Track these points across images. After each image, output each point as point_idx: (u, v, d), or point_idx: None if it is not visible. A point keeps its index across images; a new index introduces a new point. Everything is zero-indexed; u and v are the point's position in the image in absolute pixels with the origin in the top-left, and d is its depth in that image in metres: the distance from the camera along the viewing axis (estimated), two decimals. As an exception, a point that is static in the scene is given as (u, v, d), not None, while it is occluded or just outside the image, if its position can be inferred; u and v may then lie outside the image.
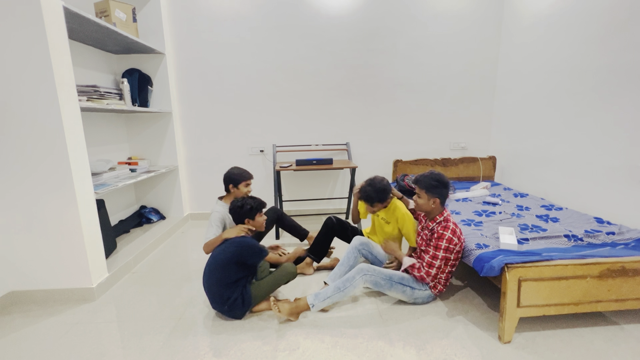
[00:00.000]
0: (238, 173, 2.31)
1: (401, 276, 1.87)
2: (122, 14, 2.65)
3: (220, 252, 1.84)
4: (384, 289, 1.86)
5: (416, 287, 1.88)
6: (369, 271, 1.83)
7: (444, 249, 1.79)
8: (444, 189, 1.83)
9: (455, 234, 1.81)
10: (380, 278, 1.84)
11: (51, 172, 1.91)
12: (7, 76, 1.80)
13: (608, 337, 1.63)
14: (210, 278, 1.81)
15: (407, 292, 1.87)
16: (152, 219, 3.31)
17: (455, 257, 1.86)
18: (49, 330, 1.78)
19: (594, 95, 2.44)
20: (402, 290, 1.87)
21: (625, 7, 2.19)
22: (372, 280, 1.83)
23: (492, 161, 3.60)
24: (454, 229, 1.82)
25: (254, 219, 1.97)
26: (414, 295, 1.89)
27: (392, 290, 1.87)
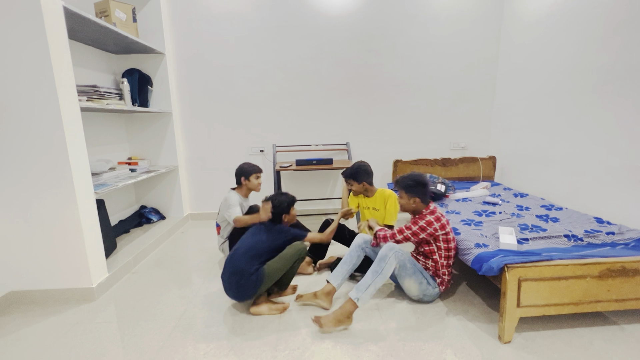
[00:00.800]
0: (249, 166, 2.48)
1: (420, 267, 1.90)
2: (122, 14, 2.65)
3: (267, 240, 1.95)
4: (406, 273, 1.85)
5: (431, 284, 1.90)
6: (399, 250, 1.83)
7: (419, 227, 1.85)
8: (422, 187, 1.90)
9: (438, 221, 1.85)
10: (407, 260, 1.84)
11: (51, 171, 1.91)
12: (7, 76, 1.80)
13: (608, 337, 1.63)
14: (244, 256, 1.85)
15: (423, 284, 1.88)
16: (152, 219, 3.31)
17: (447, 248, 1.88)
18: (49, 330, 1.78)
19: (594, 95, 2.44)
20: (419, 282, 1.87)
21: (625, 7, 2.19)
22: (401, 260, 1.82)
23: (492, 161, 3.60)
24: (439, 217, 1.87)
25: (289, 213, 2.10)
26: (426, 291, 1.90)
27: (412, 278, 1.87)
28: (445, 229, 1.87)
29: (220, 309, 1.94)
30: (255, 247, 1.91)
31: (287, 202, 2.07)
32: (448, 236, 1.89)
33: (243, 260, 1.83)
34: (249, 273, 1.80)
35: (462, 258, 1.86)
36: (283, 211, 2.06)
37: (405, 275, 1.87)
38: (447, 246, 1.89)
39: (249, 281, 1.80)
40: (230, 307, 1.96)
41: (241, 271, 1.80)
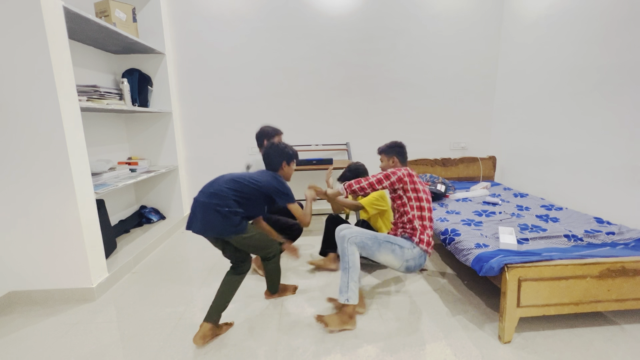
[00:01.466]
0: (272, 128, 2.42)
1: (386, 235, 1.85)
2: (122, 14, 2.65)
3: (253, 174, 1.80)
4: (373, 250, 1.79)
5: (405, 246, 1.82)
6: (351, 234, 1.78)
7: (383, 174, 1.90)
8: (399, 148, 2.06)
9: (409, 176, 1.90)
10: (366, 238, 1.79)
11: (51, 171, 1.91)
12: (7, 76, 1.80)
13: (608, 337, 1.63)
14: (227, 183, 1.68)
15: (397, 251, 1.81)
16: (152, 219, 3.31)
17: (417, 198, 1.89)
18: (49, 330, 1.78)
19: (594, 95, 2.44)
20: (391, 250, 1.80)
21: (625, 7, 2.19)
22: (359, 242, 1.77)
23: (492, 161, 3.60)
24: (410, 173, 1.92)
25: (289, 165, 1.95)
26: (405, 256, 1.82)
27: (381, 252, 1.80)
28: (414, 179, 1.90)
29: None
30: (243, 178, 1.74)
31: (291, 152, 1.94)
32: (416, 186, 1.90)
33: (226, 187, 1.66)
34: (231, 206, 1.62)
35: (462, 259, 1.85)
36: (283, 158, 1.91)
37: (373, 252, 1.80)
38: (417, 196, 1.88)
39: (230, 215, 1.62)
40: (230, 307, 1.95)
41: (225, 197, 1.63)
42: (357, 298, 1.73)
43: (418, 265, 1.88)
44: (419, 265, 1.89)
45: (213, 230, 1.65)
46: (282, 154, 1.91)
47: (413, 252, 1.84)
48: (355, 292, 1.72)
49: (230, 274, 1.78)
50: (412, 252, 1.84)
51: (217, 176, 1.77)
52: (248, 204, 1.72)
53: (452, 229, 2.10)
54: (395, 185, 1.90)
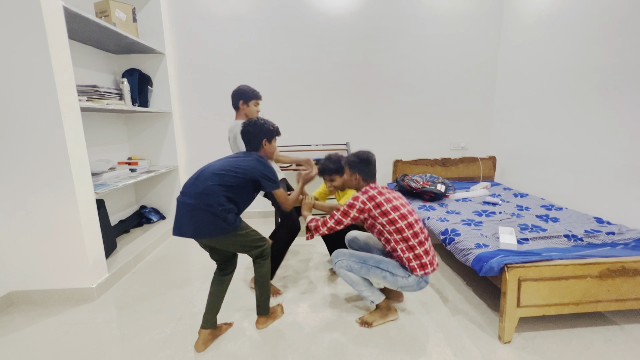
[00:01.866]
0: (249, 89, 2.15)
1: (378, 260, 1.73)
2: (122, 14, 2.65)
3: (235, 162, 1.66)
4: (362, 273, 1.72)
5: (397, 274, 1.68)
6: (337, 259, 1.75)
7: (348, 204, 1.69)
8: (365, 165, 1.79)
9: (372, 200, 1.66)
10: (354, 262, 1.72)
11: (51, 171, 1.91)
12: (7, 76, 1.80)
13: (608, 337, 1.63)
14: (212, 179, 1.56)
15: (388, 278, 1.69)
16: (152, 219, 3.31)
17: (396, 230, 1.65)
18: (49, 330, 1.78)
19: (594, 95, 2.44)
20: (382, 276, 1.70)
21: (624, 7, 2.19)
22: (347, 266, 1.73)
23: (492, 161, 3.60)
24: (374, 196, 1.68)
25: (270, 143, 1.79)
26: (398, 283, 1.70)
27: (371, 277, 1.73)
28: (382, 208, 1.65)
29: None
30: (226, 169, 1.59)
31: (272, 128, 1.77)
32: (383, 208, 1.65)
33: (212, 184, 1.54)
34: (223, 204, 1.53)
35: (462, 259, 1.85)
36: (264, 136, 1.74)
37: (365, 274, 1.73)
38: (389, 219, 1.64)
39: (223, 214, 1.52)
40: (230, 308, 1.95)
41: (213, 195, 1.52)
42: (379, 295, 1.78)
43: (419, 289, 1.74)
44: (421, 288, 1.74)
45: (207, 232, 1.53)
46: (262, 131, 1.74)
47: (408, 281, 1.69)
48: (372, 293, 1.77)
49: (218, 275, 1.71)
50: (404, 280, 1.69)
51: (196, 171, 1.64)
52: (239, 197, 1.61)
53: (452, 229, 2.10)
54: (361, 216, 1.70)
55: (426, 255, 1.68)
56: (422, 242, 1.68)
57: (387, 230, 1.67)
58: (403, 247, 1.67)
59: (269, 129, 1.75)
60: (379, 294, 1.78)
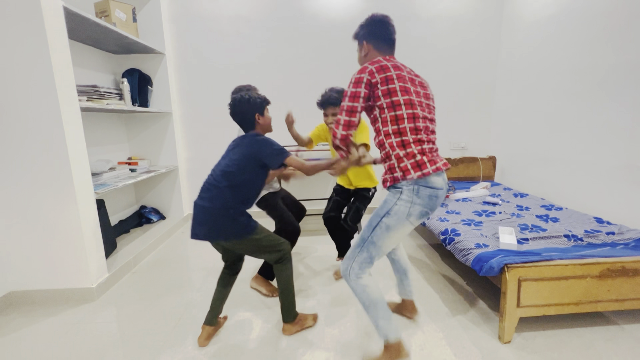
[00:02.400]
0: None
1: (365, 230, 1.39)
2: (122, 14, 2.65)
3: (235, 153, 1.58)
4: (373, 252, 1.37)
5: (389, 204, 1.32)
6: (345, 269, 1.42)
7: (352, 82, 1.35)
8: (376, 27, 1.46)
9: (377, 63, 1.33)
10: (358, 254, 1.38)
11: (51, 171, 1.91)
12: (7, 76, 1.80)
13: (608, 337, 1.63)
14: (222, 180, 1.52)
15: (387, 221, 1.31)
16: (152, 219, 3.31)
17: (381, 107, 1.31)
18: (49, 330, 1.78)
19: (594, 95, 2.44)
20: (384, 229, 1.33)
21: (624, 8, 2.19)
22: (359, 267, 1.38)
23: (492, 161, 3.60)
24: (384, 65, 1.33)
25: (263, 115, 1.67)
26: (399, 214, 1.30)
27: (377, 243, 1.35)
28: (390, 85, 1.28)
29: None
30: (230, 166, 1.53)
31: (260, 99, 1.64)
32: (393, 97, 1.28)
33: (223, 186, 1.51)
34: (236, 207, 1.50)
35: (462, 259, 1.85)
36: (254, 110, 1.62)
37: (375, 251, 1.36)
38: (391, 101, 1.29)
39: (237, 217, 1.50)
40: (230, 308, 1.95)
41: (225, 198, 1.49)
42: (395, 332, 1.40)
43: (428, 205, 1.30)
44: (432, 204, 1.30)
45: (220, 234, 1.51)
46: (251, 107, 1.61)
47: (404, 198, 1.29)
48: (389, 327, 1.39)
49: (226, 275, 1.71)
50: (403, 199, 1.29)
51: (210, 172, 1.63)
52: (250, 190, 1.55)
53: (452, 229, 2.10)
54: (366, 95, 1.33)
55: (422, 154, 1.29)
56: (421, 140, 1.30)
57: (382, 116, 1.32)
58: (393, 141, 1.30)
59: (256, 102, 1.62)
60: (395, 329, 1.40)
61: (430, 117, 1.38)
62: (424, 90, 1.40)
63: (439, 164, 1.30)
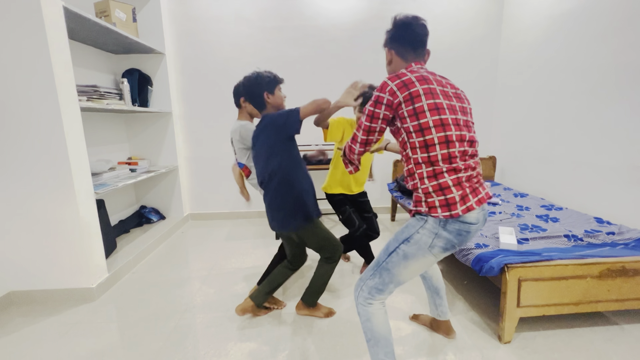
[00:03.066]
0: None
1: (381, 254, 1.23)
2: (122, 14, 2.65)
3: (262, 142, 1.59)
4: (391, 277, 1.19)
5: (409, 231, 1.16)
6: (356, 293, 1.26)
7: (372, 100, 1.18)
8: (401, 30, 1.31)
9: (398, 78, 1.15)
10: (369, 277, 1.23)
11: (51, 172, 1.91)
12: (7, 76, 1.80)
13: (608, 337, 1.63)
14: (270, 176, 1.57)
15: (401, 251, 1.16)
16: (152, 219, 3.31)
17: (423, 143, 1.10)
18: (49, 330, 1.78)
19: (594, 95, 2.44)
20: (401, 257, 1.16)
21: (624, 8, 2.19)
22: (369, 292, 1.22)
23: (492, 161, 3.60)
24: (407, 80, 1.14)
25: (274, 93, 1.63)
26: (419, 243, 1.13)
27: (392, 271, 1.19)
28: (417, 104, 1.09)
29: (220, 309, 1.94)
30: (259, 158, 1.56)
31: (269, 77, 1.60)
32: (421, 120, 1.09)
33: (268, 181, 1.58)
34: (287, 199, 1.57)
35: (462, 259, 1.85)
36: (262, 89, 1.57)
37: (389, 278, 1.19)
38: (424, 140, 1.10)
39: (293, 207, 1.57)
40: (230, 308, 1.95)
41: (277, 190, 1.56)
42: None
43: (456, 240, 1.13)
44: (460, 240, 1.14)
45: (286, 226, 1.61)
46: (258, 85, 1.56)
47: (426, 231, 1.12)
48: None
49: (284, 267, 1.81)
50: (425, 230, 1.12)
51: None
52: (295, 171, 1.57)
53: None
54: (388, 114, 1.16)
55: (458, 188, 1.09)
56: (457, 169, 1.10)
57: (410, 141, 1.13)
58: (424, 171, 1.12)
59: (266, 80, 1.57)
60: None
61: (468, 137, 1.16)
62: (460, 104, 1.21)
63: (472, 201, 1.09)
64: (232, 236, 3.15)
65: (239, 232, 3.28)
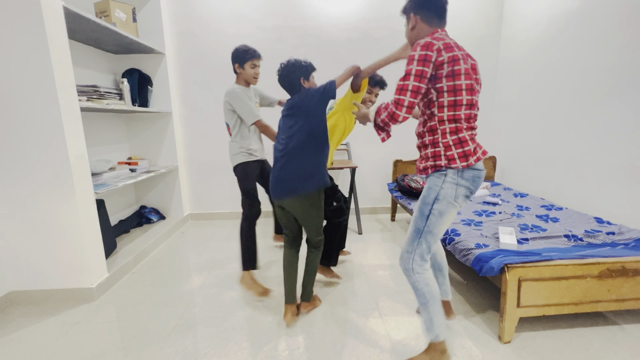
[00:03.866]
0: (242, 49, 2.05)
1: (417, 221, 1.37)
2: (122, 14, 2.65)
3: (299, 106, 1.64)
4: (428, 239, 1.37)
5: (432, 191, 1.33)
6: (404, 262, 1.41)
7: (417, 59, 1.23)
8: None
9: (439, 40, 1.25)
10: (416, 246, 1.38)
11: (51, 172, 1.91)
12: (7, 76, 1.80)
13: (608, 337, 1.63)
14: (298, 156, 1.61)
15: (436, 211, 1.32)
16: (152, 219, 3.31)
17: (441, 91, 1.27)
18: (49, 330, 1.78)
19: (594, 95, 2.44)
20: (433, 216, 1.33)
21: (624, 8, 2.19)
22: (420, 255, 1.38)
23: (492, 161, 3.60)
24: (448, 43, 1.26)
25: (309, 80, 1.72)
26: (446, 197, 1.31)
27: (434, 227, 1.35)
28: (456, 66, 1.23)
29: (220, 309, 1.94)
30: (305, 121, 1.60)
31: (305, 64, 1.69)
32: (457, 81, 1.24)
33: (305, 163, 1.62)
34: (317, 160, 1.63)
35: (462, 259, 1.85)
36: (300, 74, 1.67)
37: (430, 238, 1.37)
38: (454, 99, 1.26)
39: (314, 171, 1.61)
40: (230, 308, 1.96)
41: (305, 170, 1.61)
42: (445, 331, 1.42)
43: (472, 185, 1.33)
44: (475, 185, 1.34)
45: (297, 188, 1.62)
46: (296, 69, 1.66)
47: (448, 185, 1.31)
48: (442, 325, 1.40)
49: (289, 254, 1.83)
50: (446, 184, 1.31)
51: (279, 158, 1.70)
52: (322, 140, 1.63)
53: (452, 229, 2.10)
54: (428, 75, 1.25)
55: (473, 142, 1.31)
56: (472, 127, 1.33)
57: (439, 100, 1.28)
58: (447, 127, 1.29)
59: (301, 66, 1.67)
60: (444, 329, 1.42)
61: (477, 103, 1.36)
62: (475, 75, 1.33)
63: (479, 153, 1.33)
64: (232, 236, 3.15)
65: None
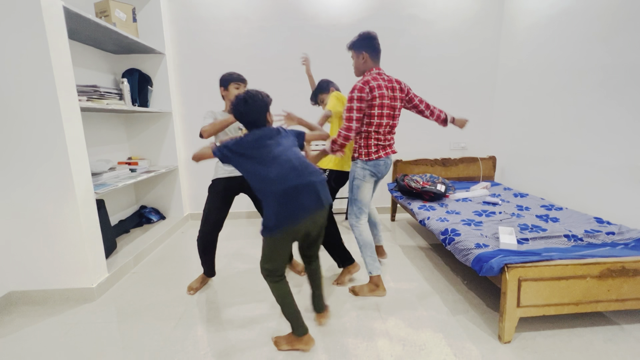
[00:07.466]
0: (228, 74, 2.17)
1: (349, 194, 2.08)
2: (122, 14, 2.65)
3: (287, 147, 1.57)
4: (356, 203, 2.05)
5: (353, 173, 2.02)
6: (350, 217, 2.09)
7: (357, 99, 1.83)
8: (368, 39, 1.92)
9: (367, 84, 1.84)
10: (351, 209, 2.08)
11: (51, 172, 1.91)
12: (7, 76, 1.80)
13: (608, 337, 1.63)
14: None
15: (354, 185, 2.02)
16: (152, 219, 3.31)
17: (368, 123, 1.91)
18: (49, 330, 1.78)
19: (594, 95, 2.44)
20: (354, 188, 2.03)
21: (624, 8, 2.19)
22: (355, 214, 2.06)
23: (492, 161, 3.60)
24: (368, 80, 1.85)
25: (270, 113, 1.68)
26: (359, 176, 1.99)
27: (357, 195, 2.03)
28: (373, 92, 1.84)
29: (220, 309, 1.95)
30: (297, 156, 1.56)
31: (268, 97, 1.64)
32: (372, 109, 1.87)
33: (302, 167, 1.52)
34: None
35: (462, 259, 1.85)
36: (267, 108, 1.63)
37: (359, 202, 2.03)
38: (369, 121, 1.90)
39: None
40: (230, 308, 1.96)
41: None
42: (378, 269, 2.00)
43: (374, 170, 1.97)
44: (377, 170, 1.98)
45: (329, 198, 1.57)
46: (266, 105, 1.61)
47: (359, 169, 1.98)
48: (374, 264, 2.00)
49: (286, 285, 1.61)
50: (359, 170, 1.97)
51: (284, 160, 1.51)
52: None
53: (452, 229, 2.10)
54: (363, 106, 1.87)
55: (376, 146, 1.95)
56: (379, 138, 1.95)
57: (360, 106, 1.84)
58: (362, 135, 1.95)
59: (266, 101, 1.61)
60: (377, 267, 2.01)
61: (391, 124, 1.98)
62: (394, 102, 1.95)
63: (381, 152, 1.96)
64: (232, 236, 3.15)
65: (239, 232, 3.28)
